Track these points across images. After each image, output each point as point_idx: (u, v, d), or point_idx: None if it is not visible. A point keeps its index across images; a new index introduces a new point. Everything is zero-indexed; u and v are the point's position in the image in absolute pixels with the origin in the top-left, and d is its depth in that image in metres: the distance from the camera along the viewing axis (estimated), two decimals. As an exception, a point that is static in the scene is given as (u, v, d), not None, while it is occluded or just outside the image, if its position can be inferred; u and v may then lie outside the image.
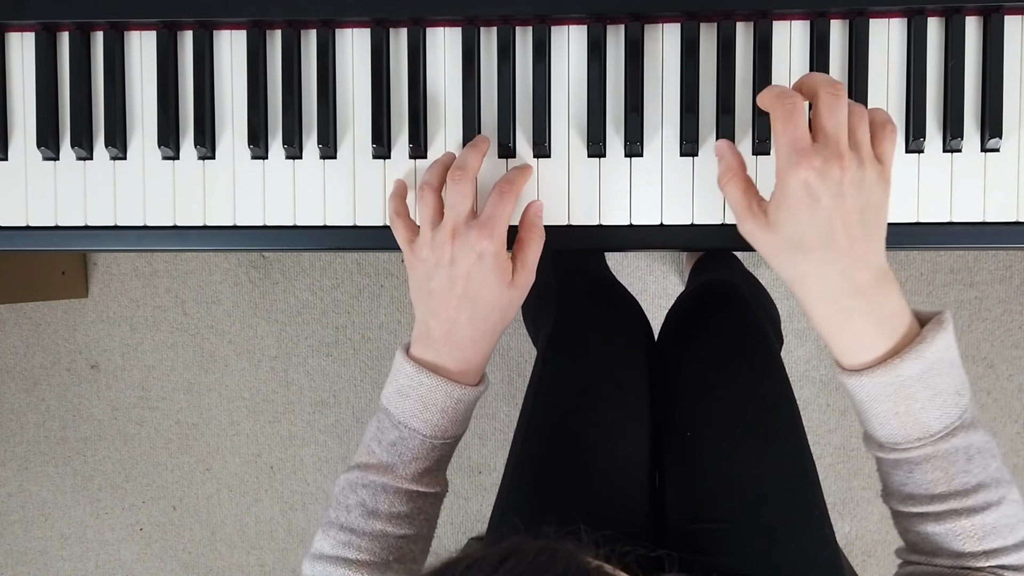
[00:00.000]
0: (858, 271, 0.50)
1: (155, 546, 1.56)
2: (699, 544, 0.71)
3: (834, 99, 0.49)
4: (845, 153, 0.49)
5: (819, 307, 0.52)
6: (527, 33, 0.64)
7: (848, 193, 0.49)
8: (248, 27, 0.65)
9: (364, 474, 0.60)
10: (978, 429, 0.52)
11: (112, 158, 0.66)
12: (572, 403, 0.75)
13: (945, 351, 0.51)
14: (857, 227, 0.49)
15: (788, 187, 0.50)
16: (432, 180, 0.60)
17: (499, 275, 0.58)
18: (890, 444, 0.53)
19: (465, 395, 0.60)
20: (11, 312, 1.53)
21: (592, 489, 0.71)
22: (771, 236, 0.52)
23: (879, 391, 0.51)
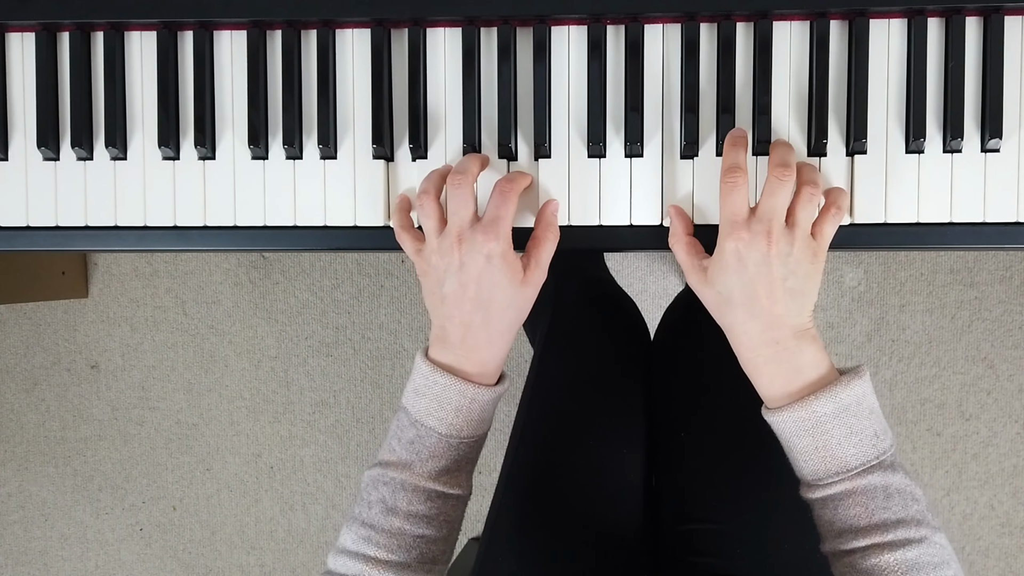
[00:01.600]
0: (777, 328, 0.56)
1: (155, 546, 1.56)
2: (692, 545, 0.71)
3: (778, 184, 0.56)
4: (773, 231, 0.55)
5: (743, 353, 0.58)
6: (527, 33, 0.64)
7: (774, 264, 0.55)
8: (248, 27, 0.65)
9: (384, 471, 0.60)
10: (899, 473, 0.55)
11: (112, 158, 0.66)
12: (567, 404, 0.75)
13: (862, 397, 0.56)
14: (780, 292, 0.56)
15: (723, 250, 0.57)
16: (430, 188, 0.60)
17: (510, 275, 0.59)
18: (814, 480, 0.57)
19: (479, 394, 0.60)
20: (11, 312, 1.53)
21: (587, 490, 0.72)
22: (708, 290, 0.58)
23: (797, 426, 0.56)
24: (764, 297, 0.55)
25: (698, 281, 0.59)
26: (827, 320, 1.41)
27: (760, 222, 0.56)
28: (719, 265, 0.57)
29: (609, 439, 0.73)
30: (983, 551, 1.43)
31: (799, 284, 0.56)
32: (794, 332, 0.56)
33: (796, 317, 0.56)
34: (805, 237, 0.56)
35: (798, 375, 0.56)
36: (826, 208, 0.58)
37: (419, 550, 0.59)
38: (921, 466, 1.42)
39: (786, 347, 0.56)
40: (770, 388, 0.57)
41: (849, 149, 0.62)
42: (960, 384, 1.40)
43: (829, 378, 0.56)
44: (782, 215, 0.56)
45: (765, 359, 0.57)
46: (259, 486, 1.52)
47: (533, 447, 0.74)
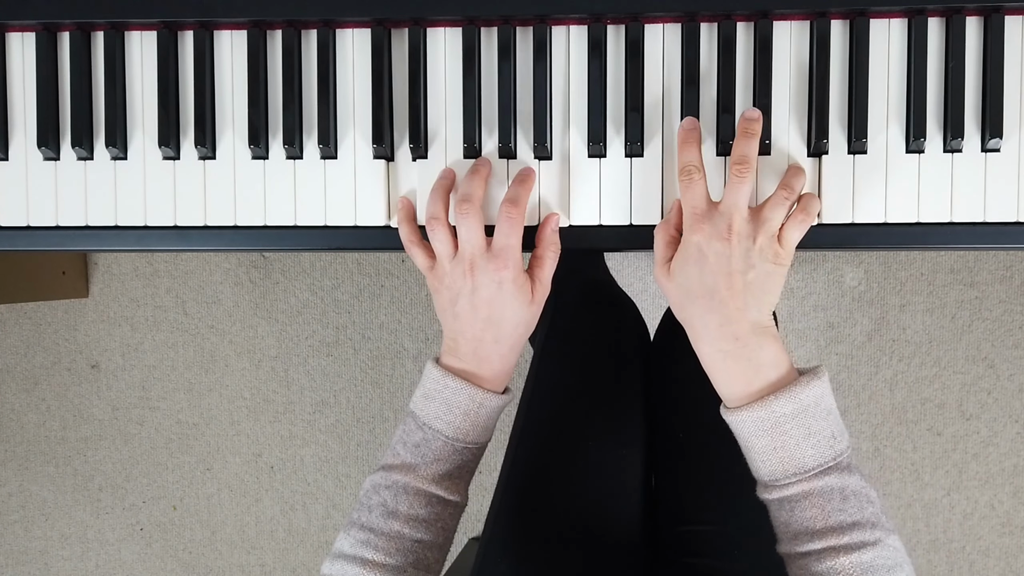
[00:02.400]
0: (735, 323, 0.56)
1: (155, 546, 1.56)
2: (690, 546, 0.71)
3: (737, 180, 0.57)
4: (734, 225, 0.56)
5: (703, 348, 0.58)
6: (527, 33, 0.64)
7: (734, 257, 0.56)
8: (248, 27, 0.65)
9: (388, 475, 0.61)
10: (855, 475, 0.56)
11: (113, 158, 0.66)
12: (566, 405, 0.75)
13: (820, 398, 0.56)
14: (739, 287, 0.56)
15: (686, 244, 0.58)
16: (438, 212, 0.61)
17: (520, 297, 0.61)
18: (771, 481, 0.57)
19: (488, 400, 0.62)
20: (11, 312, 1.53)
21: (586, 491, 0.72)
22: (670, 283, 0.59)
23: (756, 426, 0.56)
24: (723, 289, 0.56)
25: (662, 275, 0.60)
26: (827, 320, 1.41)
27: (722, 216, 0.57)
28: (681, 257, 0.58)
29: (608, 440, 0.73)
30: (983, 551, 1.43)
31: (759, 280, 0.56)
32: (753, 328, 0.56)
33: (756, 313, 0.56)
34: (770, 236, 0.57)
35: (758, 373, 0.56)
36: (794, 213, 0.59)
37: (415, 555, 0.60)
38: (921, 466, 1.42)
39: (746, 343, 0.56)
40: (729, 386, 0.57)
41: (849, 149, 0.62)
42: (960, 384, 1.40)
43: (788, 378, 0.57)
44: (743, 209, 0.57)
45: (724, 355, 0.57)
46: (259, 486, 1.52)
47: (532, 447, 0.74)
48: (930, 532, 1.43)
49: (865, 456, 1.42)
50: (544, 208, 0.64)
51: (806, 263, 1.40)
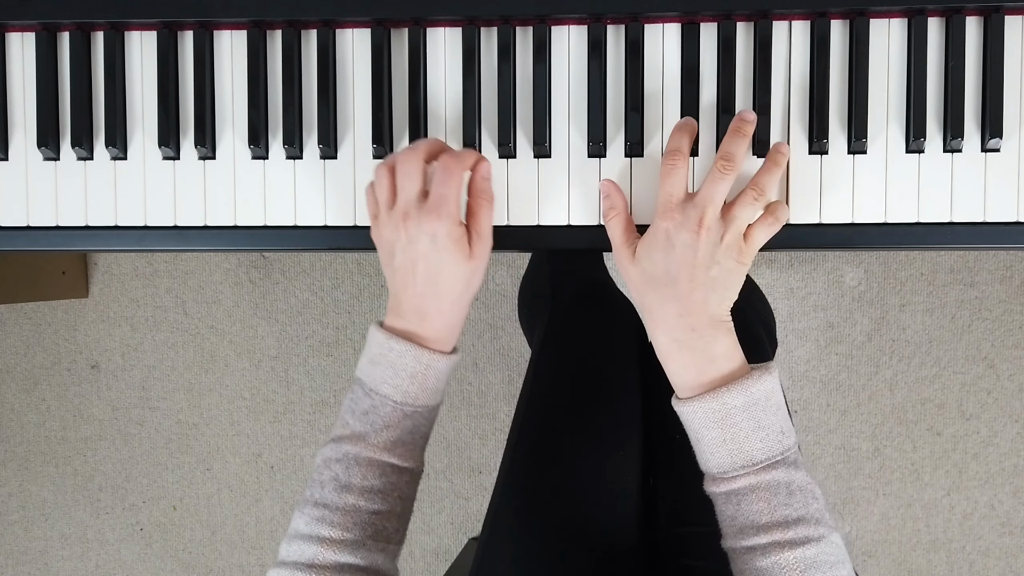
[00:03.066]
0: (693, 314, 0.57)
1: (155, 546, 1.56)
2: (687, 548, 0.71)
3: (719, 175, 0.57)
4: (705, 218, 0.56)
5: (658, 336, 0.59)
6: (527, 33, 0.64)
7: (700, 250, 0.56)
8: (248, 27, 0.65)
9: (338, 446, 0.60)
10: (801, 471, 0.56)
11: (113, 158, 0.66)
12: (564, 406, 0.75)
13: (771, 393, 0.57)
14: (701, 279, 0.56)
15: (655, 229, 0.58)
16: (392, 161, 0.61)
17: (456, 253, 0.59)
18: (719, 474, 0.57)
19: (435, 361, 0.60)
20: (11, 312, 1.53)
21: (584, 492, 0.71)
22: (633, 267, 0.59)
23: (707, 417, 0.56)
24: (685, 280, 0.56)
25: (625, 258, 0.60)
26: (827, 320, 1.41)
27: (695, 207, 0.57)
28: (649, 242, 0.58)
29: (605, 440, 0.73)
30: (983, 551, 1.43)
31: (721, 276, 0.57)
32: (711, 321, 0.57)
33: (715, 307, 0.57)
34: (737, 234, 0.57)
35: (710, 364, 0.57)
36: (763, 216, 0.59)
37: (374, 527, 0.59)
38: (921, 466, 1.42)
39: (701, 335, 0.57)
40: (682, 376, 0.58)
41: (849, 149, 0.62)
42: (960, 384, 1.40)
43: (740, 372, 0.57)
44: (718, 205, 0.57)
45: (679, 344, 0.57)
46: (259, 486, 1.53)
47: (530, 448, 0.74)
48: (930, 532, 1.43)
49: (865, 456, 1.42)
50: (545, 208, 0.64)
51: (806, 263, 1.40)
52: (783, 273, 1.41)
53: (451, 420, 1.46)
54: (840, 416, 1.42)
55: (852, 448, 1.42)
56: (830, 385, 1.42)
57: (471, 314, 1.44)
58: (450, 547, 1.49)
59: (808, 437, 1.42)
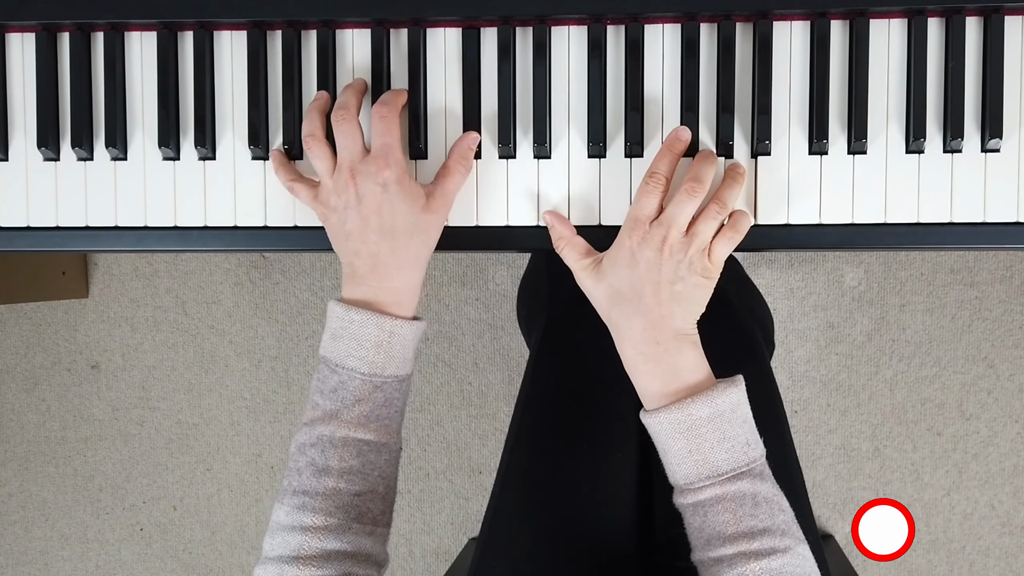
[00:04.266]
0: (659, 328, 0.58)
1: (155, 546, 1.56)
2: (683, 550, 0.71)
3: (687, 197, 0.58)
4: (669, 237, 0.57)
5: (625, 350, 0.59)
6: (527, 33, 0.64)
7: (664, 268, 0.57)
8: (248, 27, 0.65)
9: (311, 430, 0.59)
10: (767, 483, 0.57)
11: (113, 159, 0.66)
12: (562, 406, 0.75)
13: (736, 405, 0.57)
14: (666, 295, 0.57)
15: (620, 245, 0.59)
16: (315, 130, 0.61)
17: (409, 200, 0.60)
18: (686, 485, 0.57)
19: (397, 327, 0.60)
20: (11, 312, 1.53)
21: (581, 494, 0.71)
22: (598, 284, 0.60)
23: (673, 428, 0.57)
24: (650, 296, 0.57)
25: (588, 278, 0.60)
26: (827, 320, 1.41)
27: (660, 226, 0.58)
28: (614, 257, 0.59)
29: (603, 442, 0.73)
30: (983, 551, 1.43)
31: (686, 291, 0.58)
32: (675, 335, 0.58)
33: (680, 321, 0.58)
34: (700, 250, 0.58)
35: (676, 376, 0.58)
36: (724, 229, 0.60)
37: (357, 510, 0.58)
38: (921, 466, 1.42)
39: (666, 348, 0.57)
40: (648, 387, 0.59)
41: (849, 149, 0.62)
42: (960, 384, 1.40)
43: (706, 384, 0.58)
44: (683, 225, 0.58)
45: (645, 358, 0.58)
46: (260, 486, 1.52)
47: (528, 449, 0.74)
48: (930, 532, 1.43)
49: (865, 456, 1.42)
50: (545, 208, 0.64)
51: (806, 263, 1.40)
52: (783, 273, 1.41)
53: (451, 420, 1.46)
54: (840, 416, 1.42)
55: (852, 448, 1.42)
56: (830, 385, 1.42)
57: (471, 314, 1.44)
58: (450, 547, 1.49)
59: (808, 437, 1.42)
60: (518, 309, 1.02)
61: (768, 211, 0.63)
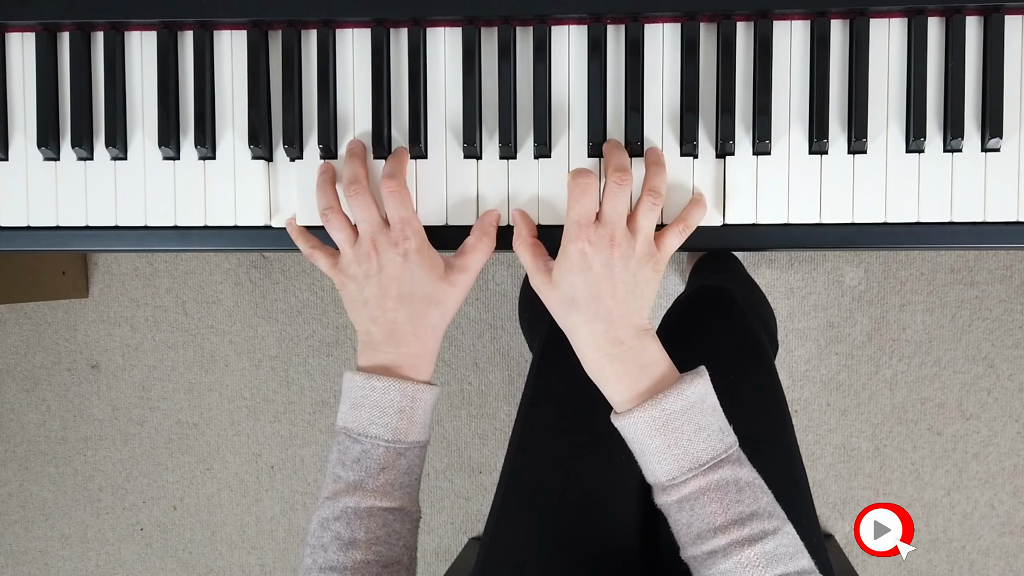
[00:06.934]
0: (619, 328, 0.58)
1: (155, 546, 1.56)
2: None
3: (617, 188, 0.58)
4: (616, 235, 0.57)
5: (588, 354, 0.59)
6: (527, 33, 0.64)
7: (616, 267, 0.57)
8: (248, 27, 0.65)
9: (334, 504, 0.59)
10: (746, 467, 0.57)
11: (113, 158, 0.66)
12: (566, 409, 0.75)
13: (705, 395, 0.58)
14: (622, 293, 0.57)
15: (568, 252, 0.58)
16: (332, 203, 0.62)
17: (428, 269, 0.61)
18: (668, 481, 0.57)
19: (419, 392, 0.60)
20: (11, 312, 1.53)
21: (586, 496, 0.71)
22: (552, 291, 0.59)
23: (649, 426, 0.57)
24: (608, 297, 0.57)
25: (542, 282, 0.60)
26: (827, 320, 1.41)
27: (604, 226, 0.58)
28: (565, 266, 0.58)
29: (607, 444, 0.73)
30: (983, 550, 1.43)
31: (640, 287, 0.58)
32: (636, 330, 0.58)
33: (636, 316, 0.58)
34: (647, 243, 0.59)
35: (643, 372, 0.58)
36: (674, 223, 0.61)
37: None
38: (921, 465, 1.42)
39: (630, 346, 0.58)
40: (617, 388, 0.58)
41: (849, 148, 0.62)
42: (960, 383, 1.40)
43: (671, 376, 0.58)
44: (623, 219, 0.58)
45: (610, 358, 0.58)
46: (259, 486, 1.52)
47: (532, 452, 0.74)
48: (930, 532, 1.43)
49: (865, 456, 1.42)
50: (544, 208, 0.64)
51: (806, 263, 1.40)
52: (783, 273, 1.41)
53: (451, 420, 1.46)
54: (840, 416, 1.42)
55: (852, 448, 1.42)
56: (830, 385, 1.42)
57: (471, 313, 1.44)
58: (450, 547, 1.49)
59: (808, 437, 1.42)
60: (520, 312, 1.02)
61: (768, 210, 0.63)
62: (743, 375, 0.74)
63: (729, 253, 1.23)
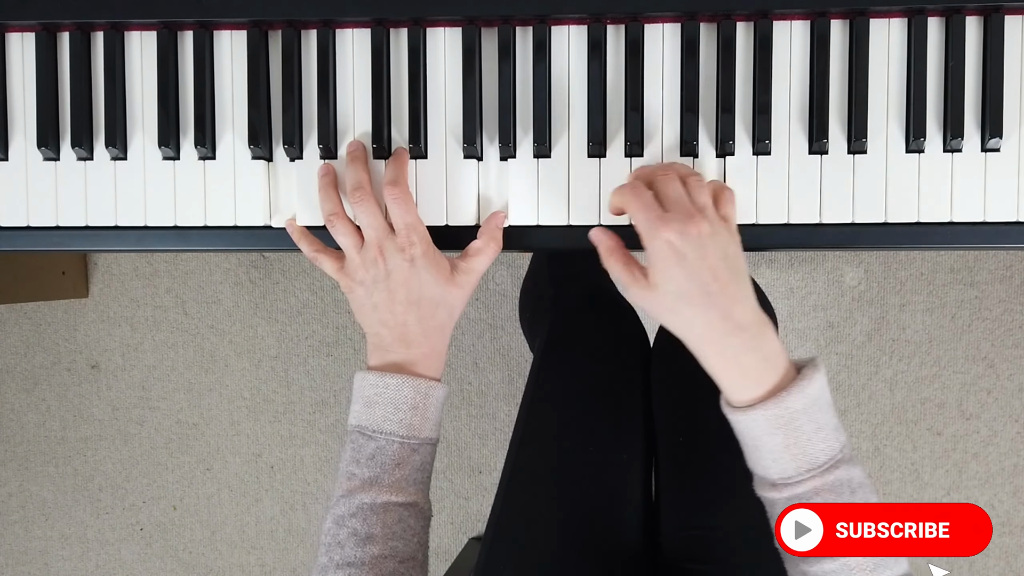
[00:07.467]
0: (736, 311, 0.54)
1: (155, 546, 1.56)
2: (691, 552, 0.71)
3: (665, 177, 0.57)
4: (695, 212, 0.55)
5: (707, 349, 0.56)
6: (527, 33, 0.64)
7: (708, 245, 0.54)
8: (248, 27, 0.65)
9: (349, 501, 0.59)
10: (857, 465, 0.56)
11: (112, 158, 0.66)
12: (567, 410, 0.75)
13: (823, 390, 0.56)
14: (724, 272, 0.54)
15: (655, 251, 0.55)
16: (336, 207, 0.62)
17: (435, 272, 0.61)
18: (782, 480, 0.56)
19: (431, 389, 0.61)
20: (11, 312, 1.53)
21: (587, 496, 0.71)
22: (655, 295, 0.56)
23: (770, 424, 0.54)
24: (712, 281, 0.54)
25: (641, 290, 0.57)
26: (827, 320, 1.41)
27: (676, 213, 0.55)
28: (659, 264, 0.55)
29: (609, 444, 0.73)
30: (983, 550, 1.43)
31: (733, 261, 0.55)
32: (754, 316, 0.55)
33: (746, 299, 0.55)
34: (716, 218, 0.56)
35: (766, 365, 0.55)
36: (719, 191, 0.58)
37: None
38: (921, 465, 1.42)
39: (752, 334, 0.54)
40: (740, 383, 0.55)
41: (849, 148, 0.62)
42: (960, 383, 1.40)
43: (791, 369, 0.56)
44: (685, 197, 0.56)
45: (735, 350, 0.55)
46: (259, 486, 1.52)
47: (533, 453, 0.74)
48: (930, 532, 1.43)
49: (865, 456, 1.42)
50: (544, 208, 0.64)
51: (806, 263, 1.40)
52: (783, 273, 1.41)
53: (451, 420, 1.46)
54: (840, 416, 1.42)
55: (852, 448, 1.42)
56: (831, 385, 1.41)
57: (471, 313, 1.44)
58: (450, 547, 1.49)
59: (808, 437, 1.42)
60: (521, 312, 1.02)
61: (768, 210, 0.63)
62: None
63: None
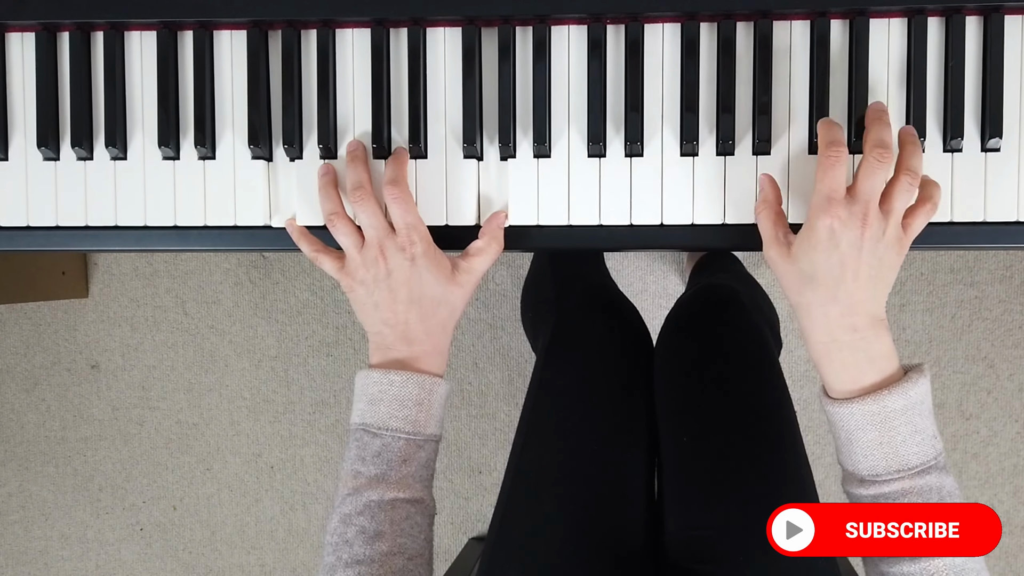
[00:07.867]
0: (857, 314, 0.55)
1: (155, 546, 1.56)
2: (694, 551, 0.71)
3: (877, 165, 0.54)
4: (870, 214, 0.54)
5: (817, 335, 0.57)
6: (527, 33, 0.64)
7: (865, 248, 0.54)
8: (248, 27, 0.65)
9: (356, 499, 0.59)
10: (950, 476, 0.56)
11: (112, 158, 0.66)
12: (570, 410, 0.75)
13: (925, 396, 0.56)
14: (864, 277, 0.54)
15: (815, 227, 0.55)
16: (336, 207, 0.62)
17: (436, 272, 0.61)
18: (871, 477, 0.56)
19: (435, 385, 0.61)
20: (11, 312, 1.53)
21: (590, 495, 0.71)
22: (790, 266, 0.57)
23: (865, 420, 0.55)
24: (850, 280, 0.54)
25: (778, 255, 0.57)
26: (827, 320, 1.41)
27: (858, 203, 0.54)
28: (809, 242, 0.55)
29: (612, 444, 0.73)
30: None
31: (883, 272, 0.55)
32: (872, 319, 0.55)
33: (875, 305, 0.55)
34: (897, 226, 0.55)
35: (871, 364, 0.55)
36: (920, 202, 0.57)
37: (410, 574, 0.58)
38: (921, 466, 1.42)
39: (864, 335, 0.55)
40: (840, 377, 0.56)
41: (850, 148, 0.62)
42: (960, 383, 1.40)
43: (897, 372, 0.56)
44: (878, 197, 0.55)
45: (840, 345, 0.55)
46: (259, 486, 1.52)
47: (536, 453, 0.74)
48: (930, 532, 1.43)
49: (865, 456, 1.42)
50: (544, 208, 0.64)
51: (806, 263, 1.40)
52: (783, 273, 1.41)
53: (451, 420, 1.46)
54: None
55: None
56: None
57: (471, 313, 1.44)
58: (450, 547, 1.49)
59: (808, 437, 1.42)
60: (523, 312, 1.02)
61: (768, 211, 0.63)
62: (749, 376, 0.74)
63: (730, 253, 1.23)
